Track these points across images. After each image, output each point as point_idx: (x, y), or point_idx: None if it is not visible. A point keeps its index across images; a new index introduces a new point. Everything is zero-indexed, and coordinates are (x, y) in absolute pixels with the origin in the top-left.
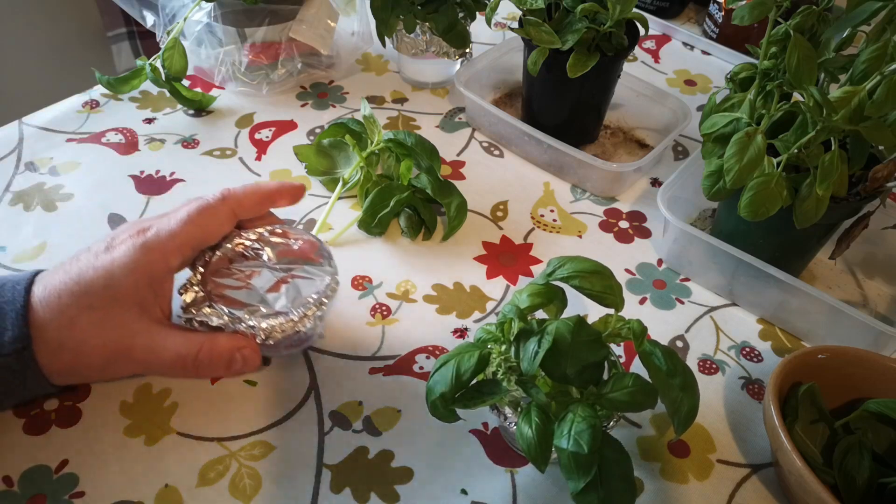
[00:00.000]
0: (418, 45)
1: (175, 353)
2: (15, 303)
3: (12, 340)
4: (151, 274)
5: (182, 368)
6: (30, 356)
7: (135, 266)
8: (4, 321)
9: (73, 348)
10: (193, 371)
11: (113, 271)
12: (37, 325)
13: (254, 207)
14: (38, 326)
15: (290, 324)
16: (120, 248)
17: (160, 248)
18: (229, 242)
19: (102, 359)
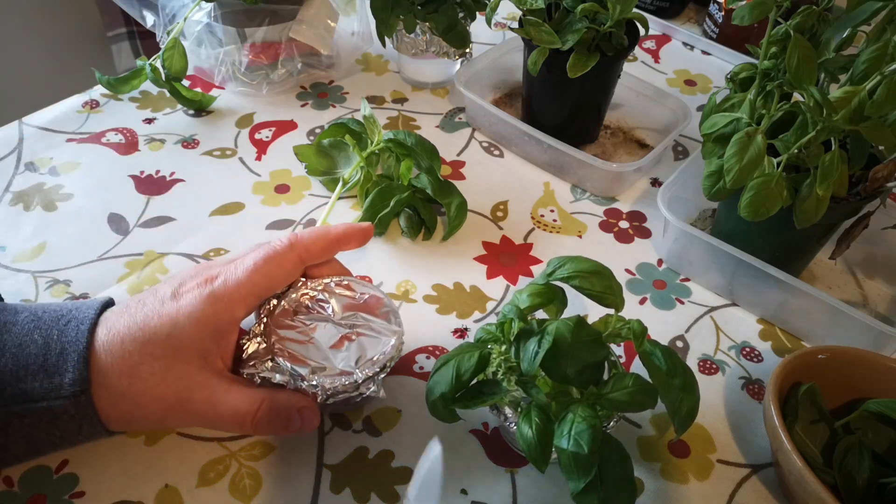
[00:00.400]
0: (418, 45)
1: (234, 409)
2: (78, 344)
3: (72, 383)
4: (217, 325)
5: (240, 425)
6: (88, 401)
7: (201, 316)
8: (66, 363)
9: (133, 398)
10: (251, 429)
11: (178, 320)
12: (98, 369)
13: (321, 253)
14: (99, 371)
15: (352, 385)
16: (187, 296)
17: (226, 298)
18: (295, 292)
19: (162, 410)
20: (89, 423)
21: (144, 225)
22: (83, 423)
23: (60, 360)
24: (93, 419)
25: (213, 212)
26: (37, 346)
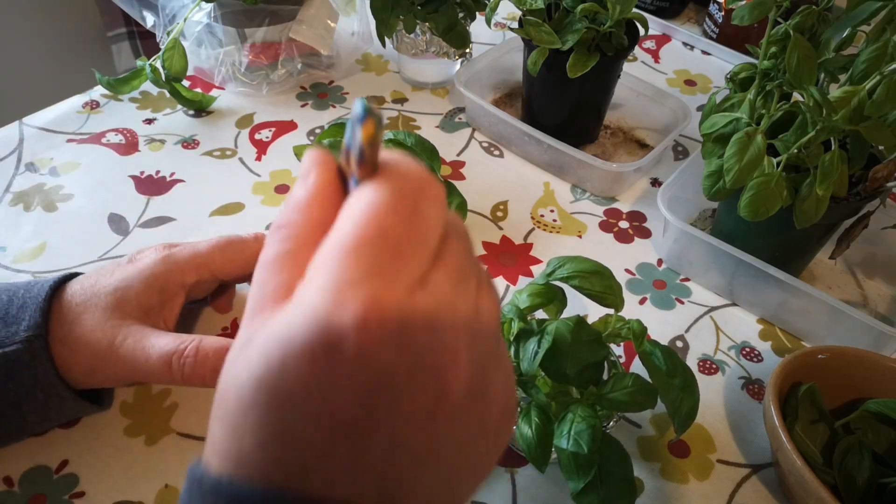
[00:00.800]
0: (418, 45)
1: (161, 349)
2: (38, 297)
3: (26, 329)
4: (164, 284)
5: (167, 369)
6: (41, 347)
7: (151, 273)
8: (25, 313)
9: (69, 343)
10: (178, 371)
11: (128, 276)
12: (53, 319)
13: None
14: (53, 320)
15: None
16: (142, 259)
17: (181, 262)
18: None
19: (94, 355)
20: (43, 371)
21: (144, 225)
22: (37, 371)
23: (21, 312)
24: (45, 367)
25: (213, 212)
26: (1, 303)
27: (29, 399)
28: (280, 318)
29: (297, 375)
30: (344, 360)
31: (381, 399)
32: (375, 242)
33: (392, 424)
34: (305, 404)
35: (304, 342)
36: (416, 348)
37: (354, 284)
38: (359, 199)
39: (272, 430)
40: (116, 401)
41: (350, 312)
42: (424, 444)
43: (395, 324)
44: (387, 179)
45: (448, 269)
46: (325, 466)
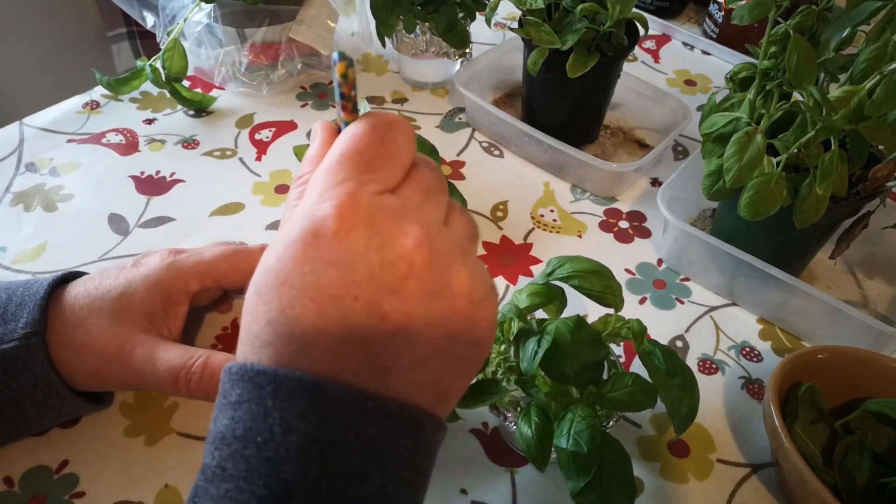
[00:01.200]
0: (418, 46)
1: (169, 363)
2: (36, 296)
3: (24, 326)
4: (169, 291)
5: (174, 381)
6: (38, 344)
7: (156, 279)
8: (23, 311)
9: (74, 347)
10: (185, 386)
11: (133, 282)
12: (53, 317)
13: None
14: (53, 320)
15: None
16: (147, 264)
17: (185, 269)
18: None
19: (100, 362)
20: (42, 369)
21: (145, 225)
22: (36, 370)
23: (19, 309)
24: (44, 364)
25: (213, 212)
26: (0, 301)
27: (29, 397)
28: (280, 229)
29: (293, 258)
30: (327, 241)
31: (359, 272)
32: (352, 158)
33: (371, 295)
34: (301, 281)
35: (297, 232)
36: (383, 232)
37: (335, 185)
38: (342, 134)
39: (277, 309)
40: (116, 401)
41: (329, 204)
42: (399, 318)
43: (366, 212)
44: (364, 119)
45: (416, 185)
46: (319, 341)
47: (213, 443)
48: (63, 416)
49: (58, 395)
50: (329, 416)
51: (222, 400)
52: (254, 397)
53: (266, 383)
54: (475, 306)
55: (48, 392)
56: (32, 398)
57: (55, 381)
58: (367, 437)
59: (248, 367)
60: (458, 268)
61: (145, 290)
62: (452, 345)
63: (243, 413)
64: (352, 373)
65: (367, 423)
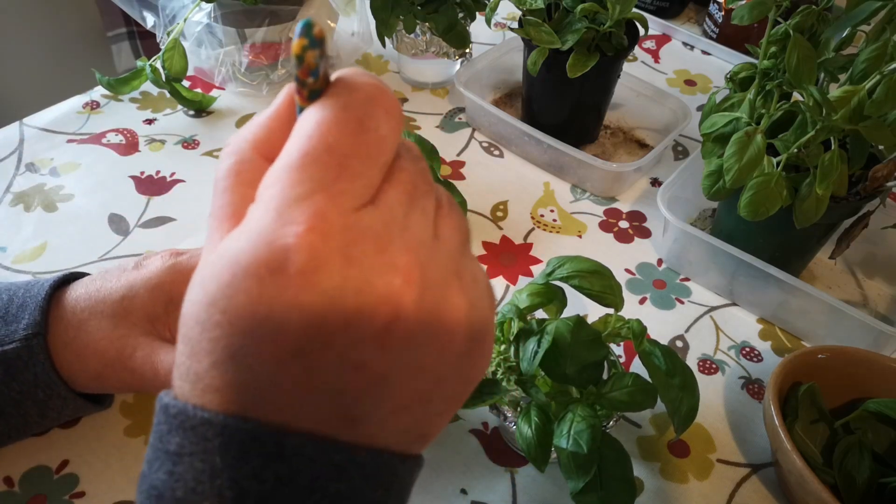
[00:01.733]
0: (418, 46)
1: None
2: (38, 297)
3: (25, 327)
4: (171, 294)
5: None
6: (40, 345)
7: (158, 282)
8: (24, 312)
9: (75, 349)
10: None
11: (134, 285)
12: (54, 320)
13: None
14: (54, 322)
15: None
16: (149, 266)
17: (187, 272)
18: None
19: (101, 364)
20: (42, 370)
21: (145, 225)
22: (37, 371)
23: (20, 311)
24: (45, 365)
25: None
26: (1, 302)
27: (30, 398)
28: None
29: (246, 296)
30: (289, 280)
31: (330, 321)
32: (321, 158)
33: (343, 347)
34: (253, 326)
35: (250, 263)
36: (363, 269)
37: (299, 201)
38: (304, 118)
39: (225, 352)
40: (116, 401)
41: (293, 230)
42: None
43: (340, 241)
44: (335, 94)
45: (399, 188)
46: (278, 391)
47: (148, 497)
48: (63, 417)
49: (58, 396)
50: (289, 474)
51: (157, 444)
52: (197, 451)
53: (213, 436)
54: (472, 342)
55: (49, 393)
56: (33, 399)
57: (56, 383)
58: (333, 496)
59: (191, 412)
60: (455, 299)
61: (147, 293)
62: (441, 387)
63: (184, 470)
64: (314, 423)
65: (332, 480)
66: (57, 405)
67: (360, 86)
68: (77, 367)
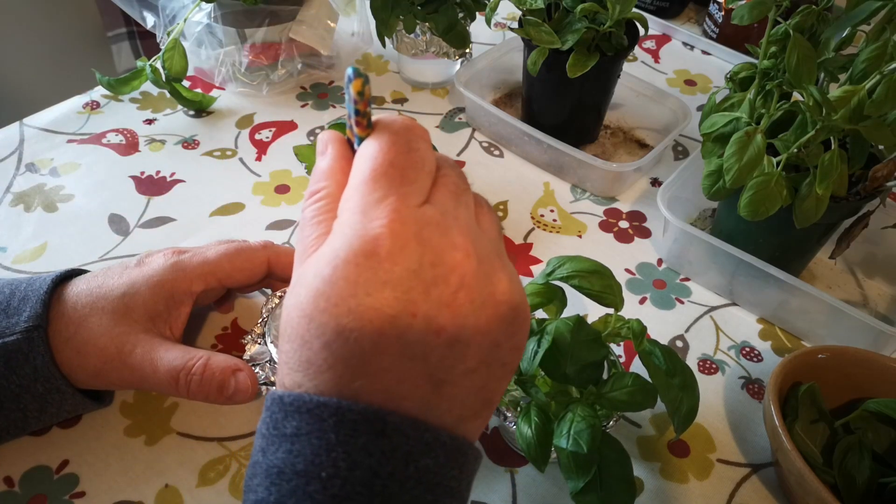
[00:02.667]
0: (418, 46)
1: (170, 364)
2: (39, 291)
3: (27, 320)
4: (172, 292)
5: (174, 382)
6: (40, 338)
7: (159, 280)
8: (26, 305)
9: (76, 346)
10: (185, 387)
11: (136, 282)
12: (53, 315)
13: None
14: (52, 317)
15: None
16: (151, 264)
17: (189, 270)
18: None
19: (101, 361)
20: (43, 363)
21: (145, 225)
22: (37, 364)
23: (22, 304)
24: (45, 359)
25: (213, 212)
26: (3, 296)
27: (29, 392)
28: (324, 248)
29: (346, 279)
30: (380, 260)
31: (415, 289)
32: (387, 172)
33: (427, 311)
34: (357, 302)
35: (348, 253)
36: (434, 247)
37: (378, 203)
38: (365, 148)
39: (334, 332)
40: (116, 401)
41: (379, 223)
42: (453, 330)
43: (414, 228)
44: (382, 130)
45: (446, 189)
46: (381, 360)
47: (267, 476)
48: (62, 414)
49: (58, 390)
50: (391, 448)
51: (273, 431)
52: (314, 430)
53: (328, 416)
54: (516, 311)
55: (48, 387)
56: (32, 393)
57: (56, 376)
58: (424, 469)
59: (307, 397)
60: (500, 274)
61: (148, 291)
62: (497, 351)
63: (302, 446)
64: (410, 389)
65: (424, 454)
66: (56, 400)
67: (398, 120)
68: (77, 363)
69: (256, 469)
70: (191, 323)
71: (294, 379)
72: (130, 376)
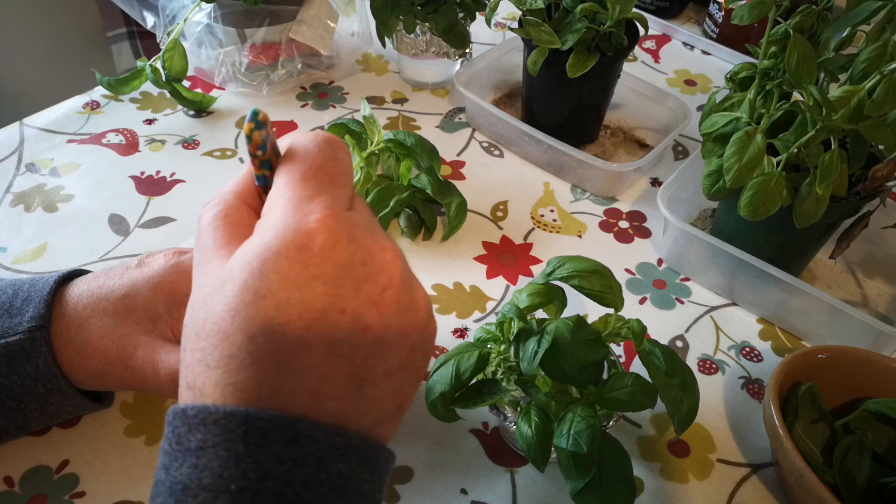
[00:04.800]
0: (418, 46)
1: (170, 367)
2: (42, 291)
3: (29, 320)
4: (173, 293)
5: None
6: (43, 338)
7: (160, 281)
8: (29, 305)
9: (77, 347)
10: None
11: (137, 283)
12: (55, 316)
13: None
14: (56, 318)
15: None
16: (151, 264)
17: (189, 271)
18: None
19: (102, 362)
20: (45, 363)
21: (145, 226)
22: (39, 364)
23: (25, 304)
24: (47, 359)
25: None
26: (6, 296)
27: (30, 392)
28: (250, 242)
29: (277, 272)
30: (312, 255)
31: (345, 286)
32: (316, 174)
33: (355, 308)
34: (286, 295)
35: (280, 246)
36: (364, 246)
37: (310, 199)
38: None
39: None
40: (116, 401)
41: (313, 217)
42: (378, 330)
43: (346, 226)
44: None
45: (363, 204)
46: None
47: (171, 494)
48: (63, 415)
49: (59, 390)
50: (303, 456)
51: (176, 446)
52: (221, 441)
53: (235, 426)
54: (429, 319)
55: (49, 387)
56: (34, 393)
57: (57, 377)
58: (336, 474)
59: (213, 408)
60: (417, 282)
61: (149, 292)
62: (413, 356)
63: (209, 459)
64: (333, 388)
65: (336, 459)
66: (57, 400)
67: (323, 133)
68: (78, 364)
69: (159, 488)
70: None
71: (210, 378)
72: (131, 378)
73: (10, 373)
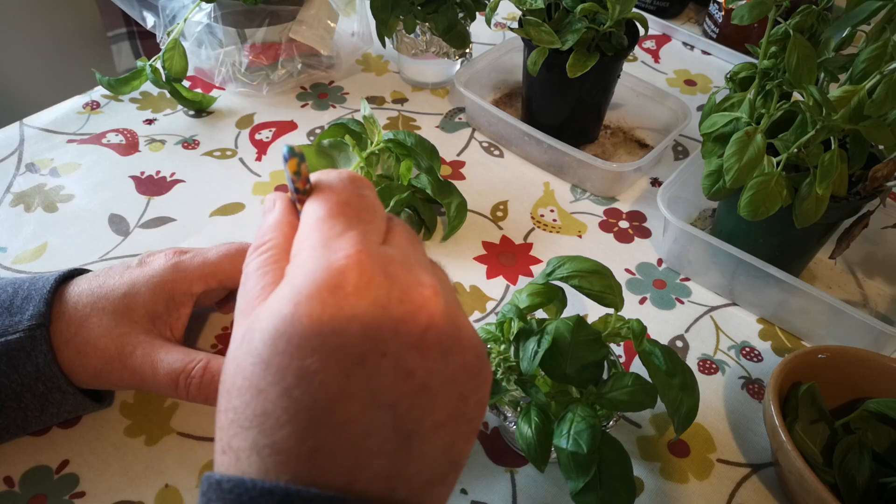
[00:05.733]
0: (418, 46)
1: (170, 367)
2: (43, 290)
3: (29, 318)
4: (173, 293)
5: (174, 385)
6: (43, 336)
7: (160, 281)
8: (29, 304)
9: (76, 346)
10: (184, 390)
11: (136, 282)
12: (57, 315)
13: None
14: (56, 317)
15: None
16: (152, 264)
17: (189, 271)
18: None
19: (101, 361)
20: (45, 362)
21: (145, 226)
22: (39, 362)
23: (25, 302)
24: (47, 357)
25: (213, 212)
26: (7, 294)
27: (30, 391)
28: (280, 289)
29: (309, 319)
30: (347, 295)
31: (383, 328)
32: (343, 210)
33: (395, 354)
34: (321, 342)
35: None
36: (400, 283)
37: (339, 236)
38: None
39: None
40: (116, 401)
41: (343, 254)
42: (422, 375)
43: (380, 261)
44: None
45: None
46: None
47: None
48: (63, 414)
49: (59, 389)
50: None
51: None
52: None
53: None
54: (481, 362)
55: (49, 386)
56: (34, 392)
57: (57, 375)
58: None
59: (249, 483)
60: (464, 319)
61: (149, 292)
62: (464, 406)
63: None
64: (378, 443)
65: None
66: (56, 399)
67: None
68: (77, 363)
69: None
70: (191, 323)
71: (245, 440)
72: (130, 378)
73: (10, 371)
